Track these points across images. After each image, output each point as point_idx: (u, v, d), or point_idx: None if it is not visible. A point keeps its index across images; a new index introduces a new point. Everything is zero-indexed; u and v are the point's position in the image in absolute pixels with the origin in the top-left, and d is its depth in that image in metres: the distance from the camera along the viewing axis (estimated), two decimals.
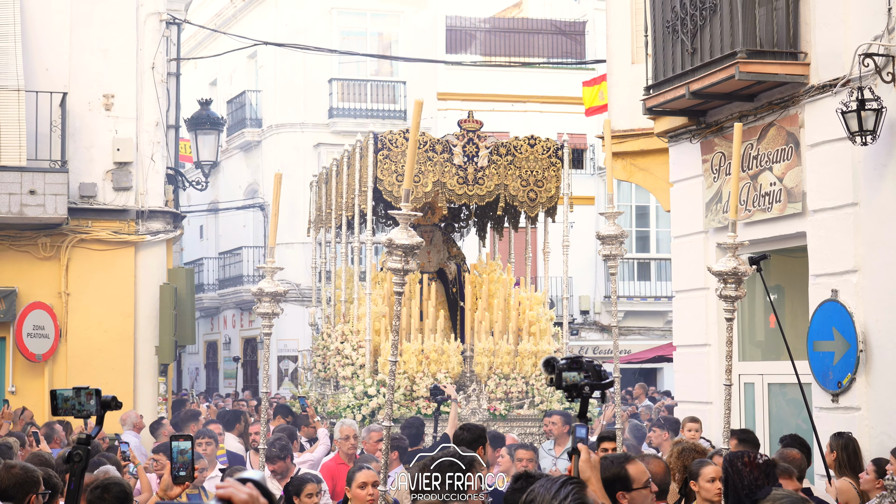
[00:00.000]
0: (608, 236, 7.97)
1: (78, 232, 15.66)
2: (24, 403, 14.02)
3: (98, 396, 4.13)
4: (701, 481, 6.21)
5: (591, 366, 4.27)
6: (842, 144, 9.13)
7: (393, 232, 6.15)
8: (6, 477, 5.43)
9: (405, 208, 6.14)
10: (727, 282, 6.93)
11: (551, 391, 12.47)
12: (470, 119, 13.21)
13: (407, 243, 6.05)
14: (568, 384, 4.26)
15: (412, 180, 6.33)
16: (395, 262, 6.08)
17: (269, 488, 2.59)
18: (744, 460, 5.23)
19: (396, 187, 12.62)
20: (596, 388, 4.25)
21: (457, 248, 14.43)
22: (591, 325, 30.04)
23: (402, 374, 12.27)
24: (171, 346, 15.92)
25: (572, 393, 4.26)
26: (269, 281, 7.24)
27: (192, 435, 5.12)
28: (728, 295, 6.99)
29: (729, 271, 6.90)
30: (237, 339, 32.03)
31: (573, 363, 4.28)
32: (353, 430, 10.09)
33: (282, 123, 29.10)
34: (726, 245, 7.05)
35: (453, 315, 13.75)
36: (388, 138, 12.82)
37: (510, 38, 31.40)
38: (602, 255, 8.18)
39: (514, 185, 13.07)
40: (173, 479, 4.68)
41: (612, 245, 7.98)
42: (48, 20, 15.70)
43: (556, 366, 4.27)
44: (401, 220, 6.15)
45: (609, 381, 4.26)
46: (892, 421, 8.84)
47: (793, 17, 9.74)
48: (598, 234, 8.13)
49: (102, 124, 15.88)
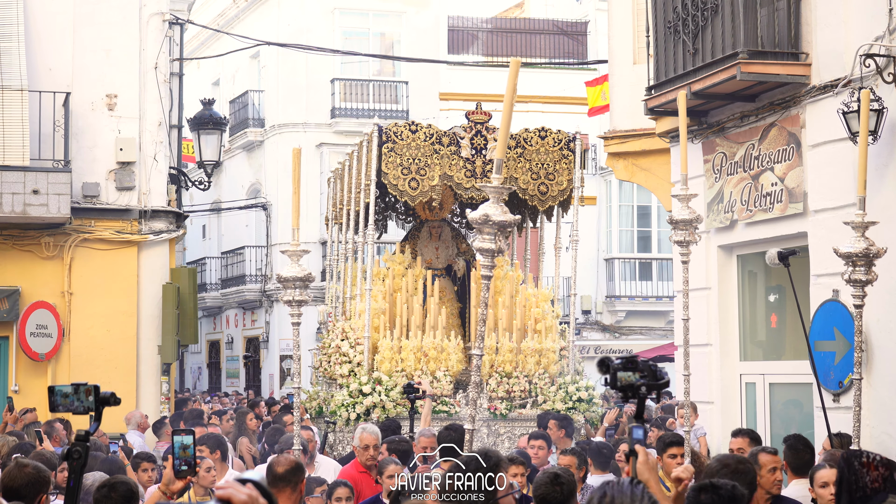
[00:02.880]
0: (682, 221, 7.19)
1: (81, 231, 15.68)
2: (26, 402, 14.04)
3: (97, 393, 4.14)
4: (815, 486, 5.97)
5: (647, 366, 4.15)
6: (843, 145, 9.15)
7: (484, 206, 5.46)
8: (19, 476, 5.44)
9: (496, 181, 5.45)
10: (856, 265, 6.25)
11: (554, 390, 12.30)
12: (478, 111, 12.90)
13: (502, 219, 5.45)
14: (623, 384, 4.13)
15: (504, 149, 5.62)
16: (486, 241, 5.43)
17: (268, 489, 2.61)
18: (861, 460, 4.97)
19: (402, 181, 12.47)
20: (652, 388, 4.13)
21: (466, 243, 14.14)
22: (593, 325, 30.04)
23: (399, 372, 12.05)
24: (173, 345, 15.94)
25: (627, 393, 4.14)
26: (293, 266, 6.72)
27: (193, 430, 5.12)
28: (858, 279, 6.26)
29: (859, 252, 6.23)
30: (239, 338, 32.05)
31: (628, 363, 4.15)
32: (375, 440, 8.88)
33: (284, 123, 29.13)
34: (855, 224, 6.26)
35: (462, 312, 13.49)
36: (394, 131, 12.59)
37: (512, 39, 31.41)
38: (673, 242, 7.41)
39: (524, 179, 12.75)
40: (175, 474, 4.67)
41: (686, 231, 7.21)
42: (51, 20, 15.72)
43: (610, 365, 4.15)
44: (491, 195, 5.50)
45: (665, 381, 4.13)
46: (892, 420, 8.86)
47: (794, 17, 9.75)
48: (670, 219, 7.37)
49: (105, 124, 15.90)
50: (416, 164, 12.56)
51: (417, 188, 12.55)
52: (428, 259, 13.68)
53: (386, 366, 12.13)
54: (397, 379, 11.95)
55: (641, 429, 4.20)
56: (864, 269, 6.25)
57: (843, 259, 6.29)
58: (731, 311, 11.07)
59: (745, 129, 10.52)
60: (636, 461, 4.16)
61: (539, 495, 5.64)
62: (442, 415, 11.83)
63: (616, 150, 13.19)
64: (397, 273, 13.09)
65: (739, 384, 10.99)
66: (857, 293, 6.28)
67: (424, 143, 12.60)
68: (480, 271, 5.71)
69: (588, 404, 12.42)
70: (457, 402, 12.11)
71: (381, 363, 12.15)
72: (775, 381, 10.70)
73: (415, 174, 12.55)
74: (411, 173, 12.55)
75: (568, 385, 12.39)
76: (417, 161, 12.57)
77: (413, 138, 12.59)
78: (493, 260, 5.63)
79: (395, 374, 12.06)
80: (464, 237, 14.36)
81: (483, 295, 5.70)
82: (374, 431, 9.04)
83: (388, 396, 11.87)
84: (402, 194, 12.65)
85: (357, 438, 9.05)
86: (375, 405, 11.85)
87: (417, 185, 12.54)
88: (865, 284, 6.19)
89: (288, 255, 6.73)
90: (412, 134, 12.59)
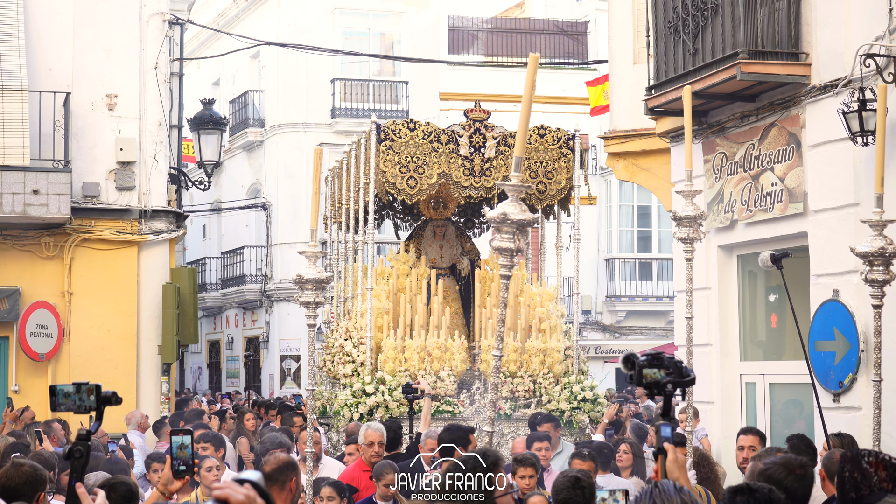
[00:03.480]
0: (685, 217, 7.03)
1: (81, 231, 15.69)
2: (27, 403, 14.05)
3: (98, 392, 4.15)
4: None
5: (673, 362, 4.07)
6: (843, 145, 9.15)
7: (503, 204, 5.37)
8: (16, 475, 5.45)
9: (515, 178, 5.32)
10: (874, 264, 6.08)
11: (559, 390, 12.12)
12: (477, 109, 12.76)
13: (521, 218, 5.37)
14: (648, 381, 4.05)
15: (524, 146, 5.51)
16: (505, 240, 5.38)
17: (266, 489, 2.61)
18: (869, 460, 4.86)
19: (400, 179, 12.37)
20: (679, 385, 4.05)
21: (471, 243, 14.01)
22: (593, 325, 30.05)
23: (402, 372, 11.94)
24: (173, 345, 15.94)
25: (653, 390, 4.06)
26: (311, 267, 6.51)
27: (191, 430, 5.12)
28: (875, 279, 6.06)
29: (875, 252, 6.07)
30: (240, 338, 32.06)
31: (654, 359, 4.07)
32: (380, 436, 8.97)
33: (284, 123, 29.14)
34: (873, 222, 6.10)
35: (467, 312, 13.38)
36: (392, 128, 12.48)
37: (512, 39, 31.42)
38: (677, 238, 7.30)
39: (522, 177, 12.67)
40: (173, 474, 4.67)
41: (689, 227, 7.06)
42: (51, 20, 15.73)
43: (636, 362, 4.07)
44: (510, 193, 5.40)
45: (691, 378, 4.05)
46: (893, 421, 8.85)
47: (794, 17, 9.75)
48: (673, 215, 7.20)
49: (105, 124, 15.90)
50: (415, 162, 12.46)
51: (416, 187, 12.44)
52: (432, 258, 13.56)
53: (389, 365, 12.03)
54: (401, 379, 11.83)
55: (669, 426, 4.11)
56: (883, 269, 6.06)
57: (860, 258, 6.12)
58: (731, 311, 11.07)
59: (746, 129, 10.53)
60: (665, 459, 4.09)
61: (560, 499, 5.64)
62: (445, 415, 11.72)
63: (616, 150, 13.18)
64: (402, 272, 13.02)
65: (739, 384, 10.99)
66: (876, 293, 6.10)
67: (423, 141, 12.49)
68: (499, 271, 5.62)
69: (593, 404, 12.33)
70: (460, 402, 11.98)
71: (384, 363, 12.05)
72: (775, 381, 10.70)
73: (413, 172, 12.45)
74: (409, 172, 12.45)
75: (573, 385, 12.26)
76: (415, 159, 12.46)
77: (411, 136, 12.49)
78: (512, 259, 5.54)
79: (399, 373, 11.95)
80: (468, 236, 14.22)
81: (502, 295, 5.61)
82: (379, 428, 9.05)
83: (391, 396, 11.78)
84: (399, 193, 12.53)
85: (361, 436, 9.04)
86: (378, 405, 11.75)
87: (416, 184, 12.44)
88: (884, 284, 6.02)
89: (306, 255, 6.54)
90: (410, 132, 12.49)
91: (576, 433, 12.02)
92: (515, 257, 5.55)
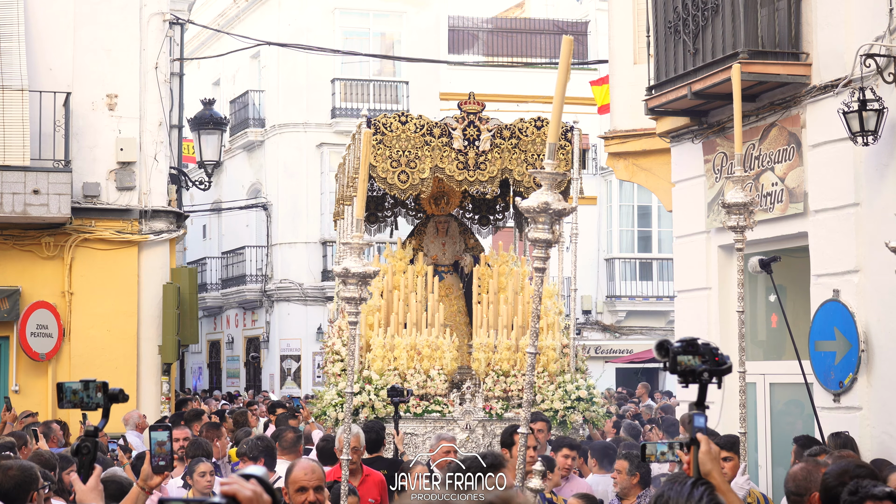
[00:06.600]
0: (735, 204, 6.78)
1: (81, 231, 15.69)
2: (27, 402, 14.06)
3: (105, 389, 4.18)
4: None
5: (709, 349, 3.90)
6: (843, 145, 9.15)
7: (539, 193, 5.33)
8: (4, 479, 5.45)
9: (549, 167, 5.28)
10: None
11: (553, 389, 11.82)
12: (471, 101, 12.44)
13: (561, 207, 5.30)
14: (683, 369, 3.89)
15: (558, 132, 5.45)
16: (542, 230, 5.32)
17: (272, 485, 2.62)
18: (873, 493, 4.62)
19: (390, 174, 11.96)
20: (714, 373, 3.87)
21: (474, 239, 13.69)
22: (594, 325, 30.05)
23: (391, 371, 11.54)
24: (174, 345, 15.94)
25: (687, 378, 3.91)
26: (356, 259, 6.21)
27: (170, 425, 5.13)
28: None
29: None
30: (240, 338, 32.07)
31: (688, 346, 3.89)
32: (356, 441, 8.46)
33: (285, 123, 29.15)
34: None
35: (471, 310, 12.90)
36: (383, 122, 12.11)
37: (512, 39, 31.43)
38: (727, 227, 7.02)
39: (518, 170, 12.17)
40: (153, 469, 4.69)
41: (741, 215, 6.82)
42: (52, 20, 15.73)
43: (670, 349, 3.89)
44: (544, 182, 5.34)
45: (727, 366, 3.88)
46: (893, 421, 8.86)
47: (794, 17, 9.76)
48: (723, 203, 6.96)
49: (106, 124, 15.90)
50: (406, 156, 12.06)
51: (407, 181, 12.02)
52: (434, 255, 13.30)
53: (377, 364, 11.61)
54: (389, 378, 11.43)
55: (703, 416, 3.97)
56: None
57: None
58: (731, 311, 11.06)
59: (746, 129, 10.52)
60: (698, 451, 3.93)
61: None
62: (435, 415, 11.44)
63: (616, 150, 13.18)
64: (397, 269, 12.69)
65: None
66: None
67: (415, 134, 12.12)
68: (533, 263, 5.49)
69: (588, 403, 12.09)
70: (450, 402, 11.57)
71: (372, 361, 11.61)
72: (775, 381, 10.70)
73: (404, 167, 12.04)
74: (401, 166, 12.03)
75: (566, 384, 11.86)
76: (407, 153, 12.07)
77: (403, 129, 12.11)
78: (548, 251, 5.43)
79: (388, 372, 11.57)
80: (471, 232, 13.93)
81: (537, 289, 5.49)
82: (356, 432, 8.69)
83: (377, 396, 11.34)
84: (390, 188, 12.11)
85: (337, 441, 8.64)
86: (364, 405, 11.32)
87: (407, 179, 12.03)
88: None
89: (350, 248, 6.26)
90: (402, 125, 12.13)
91: (569, 433, 11.76)
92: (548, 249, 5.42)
